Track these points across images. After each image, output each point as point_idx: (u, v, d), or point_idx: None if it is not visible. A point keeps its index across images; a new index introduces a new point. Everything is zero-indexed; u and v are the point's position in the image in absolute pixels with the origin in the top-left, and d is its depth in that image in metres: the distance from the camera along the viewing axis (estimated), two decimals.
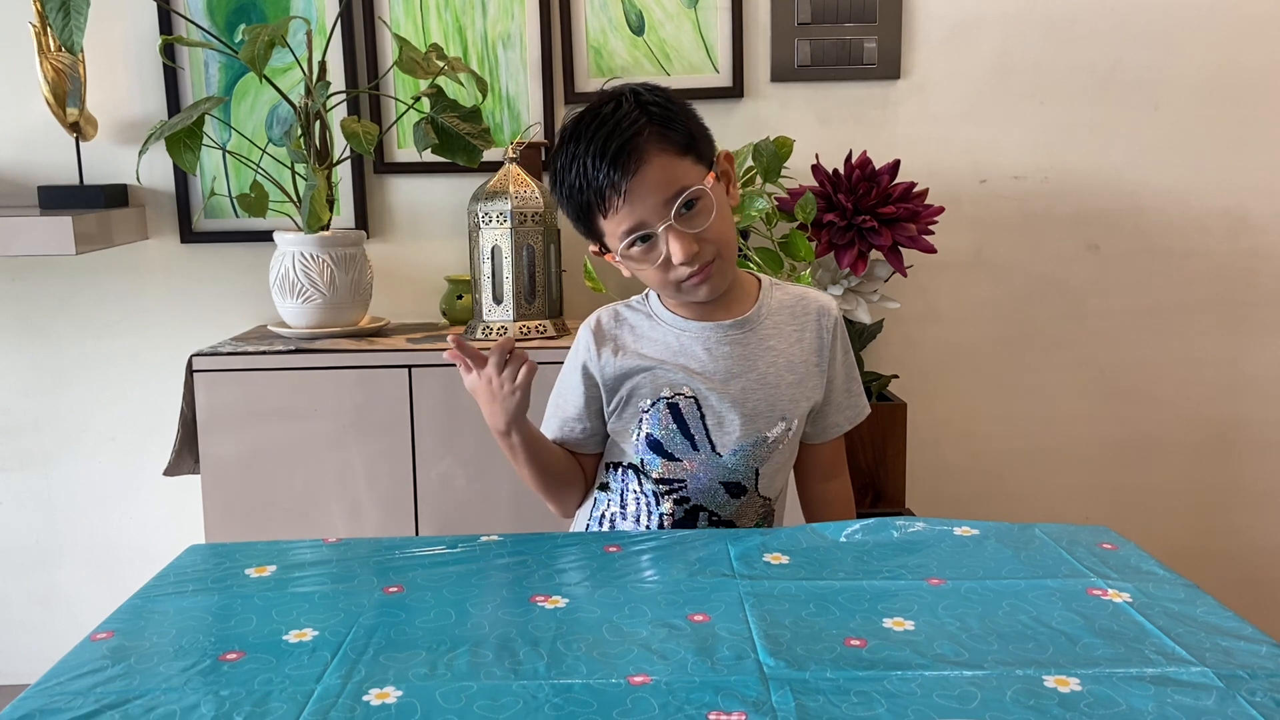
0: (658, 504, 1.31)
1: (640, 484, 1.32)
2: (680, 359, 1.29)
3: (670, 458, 1.29)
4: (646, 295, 1.35)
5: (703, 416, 1.28)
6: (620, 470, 1.33)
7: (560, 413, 1.35)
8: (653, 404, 1.28)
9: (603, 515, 1.35)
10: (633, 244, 1.21)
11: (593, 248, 1.30)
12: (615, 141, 1.17)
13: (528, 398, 1.22)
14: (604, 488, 1.36)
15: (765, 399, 1.29)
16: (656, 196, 1.19)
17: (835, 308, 1.36)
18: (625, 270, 1.28)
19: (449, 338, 1.22)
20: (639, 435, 1.30)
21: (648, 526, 1.31)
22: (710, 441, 1.28)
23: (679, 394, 1.28)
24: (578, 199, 1.22)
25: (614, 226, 1.21)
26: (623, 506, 1.33)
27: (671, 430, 1.28)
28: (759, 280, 1.35)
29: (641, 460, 1.30)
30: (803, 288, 1.38)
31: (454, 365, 1.86)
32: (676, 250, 1.19)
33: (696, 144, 1.23)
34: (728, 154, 1.30)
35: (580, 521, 1.39)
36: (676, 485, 1.30)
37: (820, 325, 1.33)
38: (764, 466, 1.31)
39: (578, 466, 1.37)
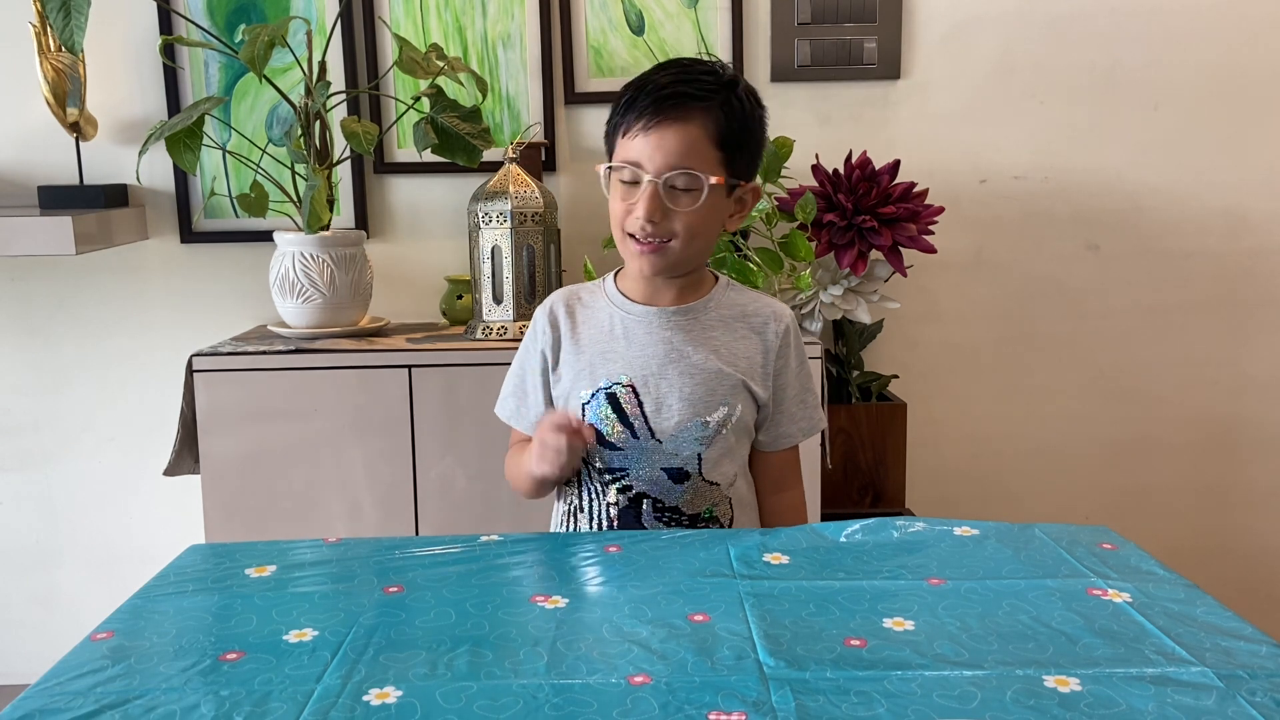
0: (604, 494, 1.32)
1: (590, 475, 1.33)
2: (620, 343, 1.31)
3: (611, 447, 1.30)
4: (603, 280, 1.38)
5: (641, 404, 1.29)
6: None
7: (524, 402, 1.39)
8: (592, 395, 1.30)
9: (568, 509, 1.37)
10: (624, 173, 1.26)
11: (599, 166, 1.32)
12: (681, 87, 1.23)
13: (571, 461, 1.27)
14: (568, 483, 1.37)
15: (704, 384, 1.30)
16: (664, 155, 1.22)
17: (789, 317, 1.37)
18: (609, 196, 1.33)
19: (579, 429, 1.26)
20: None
21: (599, 520, 1.33)
22: (649, 428, 1.29)
23: (616, 383, 1.30)
24: (620, 109, 1.27)
25: (621, 150, 1.26)
26: (580, 499, 1.35)
27: (611, 419, 1.29)
28: (717, 279, 1.37)
29: (587, 451, 1.31)
30: (762, 295, 1.39)
31: (454, 365, 1.88)
32: (641, 205, 1.23)
33: (737, 151, 1.26)
34: (757, 189, 1.33)
35: (556, 517, 1.41)
36: (619, 474, 1.31)
37: (770, 330, 1.34)
38: (707, 451, 1.30)
39: None
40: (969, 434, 2.33)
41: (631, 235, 1.26)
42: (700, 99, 1.22)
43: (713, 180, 1.23)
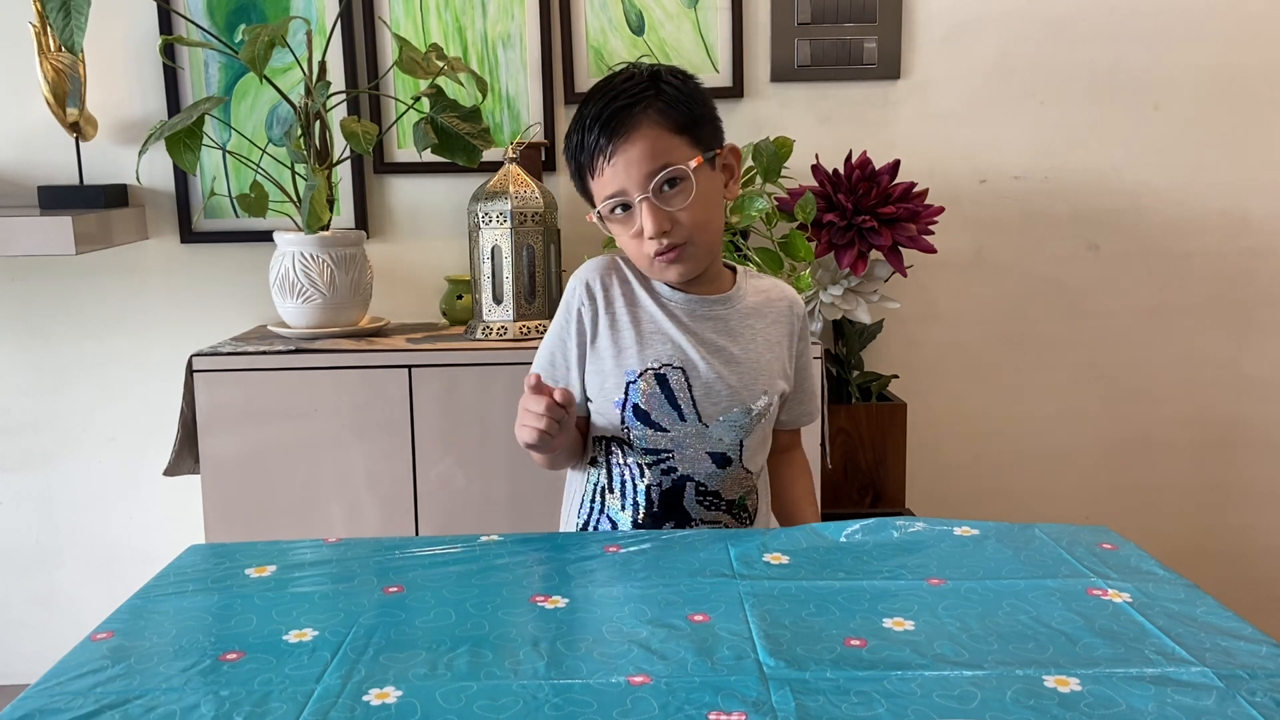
0: (642, 475, 1.31)
1: (624, 456, 1.32)
2: (669, 326, 1.31)
3: (657, 428, 1.30)
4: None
5: (690, 387, 1.29)
6: (604, 443, 1.34)
7: (554, 375, 1.35)
8: (640, 374, 1.29)
9: (594, 488, 1.36)
10: (613, 209, 1.26)
11: (589, 214, 1.32)
12: (613, 106, 1.23)
13: (548, 438, 1.21)
14: (593, 462, 1.36)
15: (749, 371, 1.32)
16: (639, 168, 1.22)
17: (800, 298, 1.41)
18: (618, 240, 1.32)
19: (532, 378, 1.21)
20: (625, 405, 1.30)
21: (635, 500, 1.32)
22: (697, 412, 1.30)
23: (667, 365, 1.29)
24: (575, 159, 1.28)
25: (600, 189, 1.26)
26: (609, 479, 1.34)
27: (659, 399, 1.29)
28: (734, 268, 1.39)
29: (627, 431, 1.31)
30: (775, 280, 1.41)
31: (454, 365, 1.88)
32: (648, 223, 1.23)
33: (696, 127, 1.26)
34: (734, 148, 1.33)
35: (575, 497, 1.40)
36: (664, 455, 1.31)
37: (792, 314, 1.38)
38: (748, 439, 1.32)
39: (581, 440, 1.36)
40: (969, 434, 2.33)
41: (650, 256, 1.26)
42: (635, 103, 1.23)
43: (693, 164, 1.24)
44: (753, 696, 0.83)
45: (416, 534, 1.89)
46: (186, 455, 1.91)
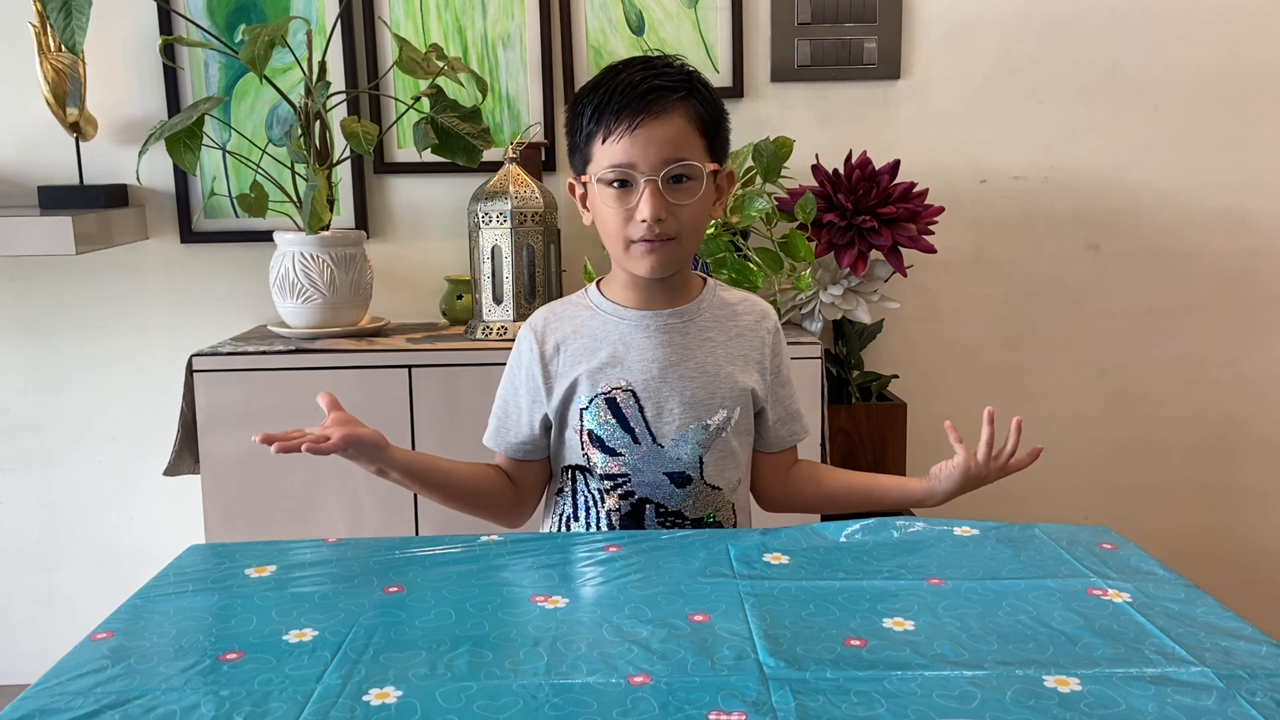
0: (602, 501, 1.31)
1: (586, 483, 1.32)
2: (618, 348, 1.30)
3: (612, 453, 1.29)
4: (585, 290, 1.37)
5: (641, 408, 1.28)
6: (568, 472, 1.34)
7: (506, 422, 1.35)
8: (591, 400, 1.29)
9: (559, 517, 1.36)
10: (613, 182, 1.23)
11: (570, 181, 1.31)
12: (654, 82, 1.21)
13: (347, 439, 1.24)
14: (559, 492, 1.36)
15: (704, 387, 1.29)
16: (660, 151, 1.21)
17: (774, 314, 1.38)
18: (586, 218, 1.31)
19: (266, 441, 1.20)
20: (581, 433, 1.30)
21: (598, 526, 1.32)
22: (650, 432, 1.29)
23: (615, 388, 1.28)
24: (590, 117, 1.24)
25: (606, 155, 1.23)
26: (574, 508, 1.34)
27: (611, 424, 1.28)
28: (705, 280, 1.37)
29: (586, 457, 1.30)
30: (747, 294, 1.40)
31: (454, 365, 1.88)
32: (646, 205, 1.21)
33: (715, 136, 1.27)
34: (731, 174, 1.34)
35: (546, 528, 1.40)
36: (621, 480, 1.30)
37: (761, 328, 1.35)
38: (708, 454, 1.30)
39: (500, 480, 1.35)
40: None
41: (632, 240, 1.24)
42: (674, 90, 1.22)
43: (709, 168, 1.24)
44: (753, 696, 0.83)
45: (416, 534, 1.89)
46: (186, 455, 1.91)
